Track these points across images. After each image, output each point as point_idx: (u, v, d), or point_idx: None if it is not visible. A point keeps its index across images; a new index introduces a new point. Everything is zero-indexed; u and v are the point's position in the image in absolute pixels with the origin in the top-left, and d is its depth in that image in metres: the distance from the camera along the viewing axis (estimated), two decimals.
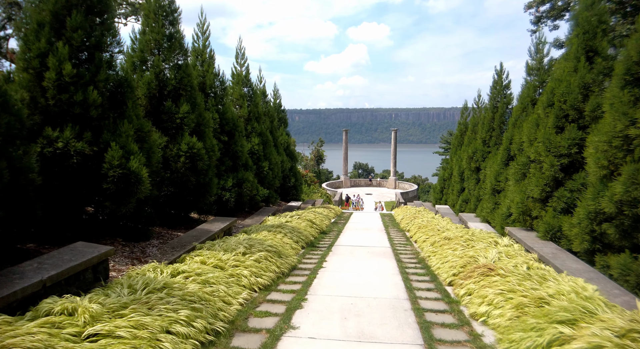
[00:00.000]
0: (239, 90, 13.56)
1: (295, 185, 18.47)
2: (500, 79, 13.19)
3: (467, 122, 17.84)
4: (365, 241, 10.02)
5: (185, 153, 8.09)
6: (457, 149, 17.72)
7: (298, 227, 9.78)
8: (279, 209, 15.13)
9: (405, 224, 12.52)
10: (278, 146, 16.68)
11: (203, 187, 8.68)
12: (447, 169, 17.91)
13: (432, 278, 6.25)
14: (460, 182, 15.30)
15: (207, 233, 7.39)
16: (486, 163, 12.49)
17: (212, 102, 11.10)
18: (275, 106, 18.96)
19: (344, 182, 47.96)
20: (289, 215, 11.45)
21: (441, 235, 8.60)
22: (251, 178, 11.23)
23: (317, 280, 6.05)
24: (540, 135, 7.84)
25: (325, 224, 12.49)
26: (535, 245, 6.85)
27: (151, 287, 4.24)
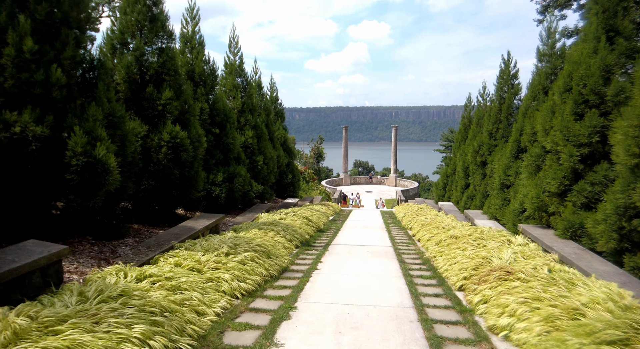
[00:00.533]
0: (232, 80, 12.83)
1: (292, 182, 17.75)
2: (508, 68, 12.45)
3: (470, 116, 17.13)
4: (365, 239, 9.31)
5: (167, 143, 7.37)
6: (460, 144, 16.99)
7: (292, 225, 9.07)
8: (275, 206, 14.41)
9: (407, 222, 11.81)
10: (274, 140, 15.95)
11: (188, 181, 7.96)
12: (450, 165, 17.19)
13: (440, 282, 5.54)
14: (465, 178, 14.58)
15: (190, 231, 6.67)
16: (493, 157, 11.76)
17: (202, 91, 10.37)
18: (271, 99, 18.23)
19: (344, 180, 47.25)
20: (284, 212, 10.73)
21: (447, 234, 7.89)
22: (243, 172, 10.51)
23: (309, 284, 5.34)
24: (557, 123, 7.12)
25: (323, 222, 11.78)
26: (554, 244, 6.14)
27: (106, 295, 3.53)
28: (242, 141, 12.25)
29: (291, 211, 11.00)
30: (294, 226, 8.98)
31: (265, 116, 15.74)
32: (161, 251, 5.57)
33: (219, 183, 9.99)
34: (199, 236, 6.76)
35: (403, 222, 12.51)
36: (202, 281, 4.54)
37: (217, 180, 9.95)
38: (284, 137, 17.91)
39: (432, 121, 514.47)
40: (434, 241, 7.77)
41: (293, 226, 8.92)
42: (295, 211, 11.31)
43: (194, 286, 4.28)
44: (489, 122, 12.60)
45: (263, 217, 9.89)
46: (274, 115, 18.31)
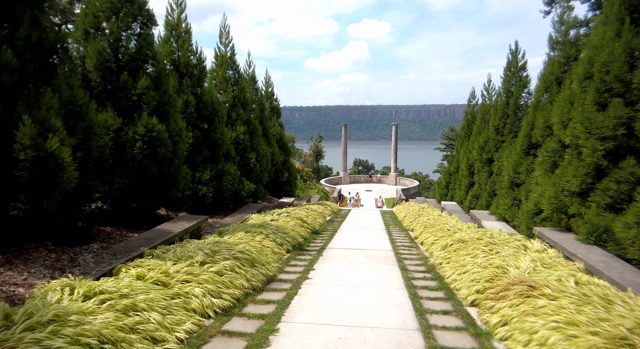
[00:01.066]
0: (223, 73, 12.09)
1: (288, 180, 17.02)
2: (515, 60, 11.70)
3: (474, 112, 16.39)
4: (363, 242, 8.58)
5: (143, 137, 6.63)
6: (464, 141, 16.24)
7: (284, 227, 8.34)
8: (268, 206, 13.68)
9: (409, 222, 11.08)
10: (269, 137, 15.21)
11: (168, 179, 7.23)
12: (453, 163, 16.45)
13: (448, 295, 4.81)
14: (469, 176, 13.84)
15: (165, 235, 5.94)
16: (500, 153, 11.03)
17: (188, 83, 9.63)
18: (266, 95, 17.48)
19: (343, 178, 46.52)
20: (277, 212, 10.00)
21: (453, 237, 7.16)
22: (233, 170, 9.78)
23: (297, 298, 4.61)
24: (576, 115, 6.38)
25: (319, 223, 11.05)
26: (577, 250, 5.40)
27: (35, 320, 2.80)
28: (233, 137, 11.51)
29: (285, 211, 10.27)
30: (286, 228, 8.25)
31: (259, 111, 15.00)
32: (127, 260, 4.84)
33: (206, 181, 9.25)
34: (175, 241, 6.02)
35: (404, 223, 11.78)
36: (167, 298, 3.80)
37: (203, 178, 9.22)
38: (279, 134, 17.17)
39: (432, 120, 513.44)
40: (438, 246, 7.03)
41: (285, 228, 8.19)
42: (290, 211, 10.58)
43: (154, 305, 3.55)
44: (495, 117, 11.85)
45: (253, 218, 9.16)
46: (270, 111, 17.57)
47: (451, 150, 72.63)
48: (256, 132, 12.41)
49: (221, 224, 8.87)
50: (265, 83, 17.60)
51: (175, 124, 7.14)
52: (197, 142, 9.58)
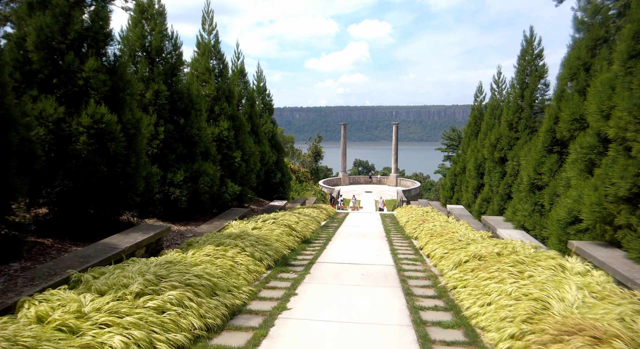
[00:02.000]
0: (205, 62, 10.88)
1: (281, 182, 15.80)
2: (531, 47, 10.48)
3: (482, 108, 15.19)
4: (360, 254, 7.36)
5: (88, 129, 5.43)
6: (470, 139, 15.04)
7: (267, 236, 7.13)
8: (257, 210, 12.47)
9: (412, 229, 9.85)
10: (259, 135, 14.00)
11: (123, 181, 6.02)
12: (458, 162, 15.22)
13: (470, 337, 3.58)
14: (478, 177, 12.62)
15: (108, 252, 4.73)
16: (515, 152, 9.81)
17: (160, 70, 8.43)
18: (258, 90, 16.28)
19: (342, 179, 45.31)
20: (263, 218, 8.80)
21: (467, 251, 5.94)
22: (211, 170, 8.57)
23: (266, 344, 3.39)
24: (621, 102, 5.16)
25: (311, 229, 9.83)
26: (634, 274, 4.18)
27: None
28: (216, 133, 10.31)
29: (272, 217, 9.05)
30: (269, 238, 7.04)
31: (248, 107, 13.80)
32: (45, 287, 3.64)
33: (179, 183, 8.04)
34: (123, 258, 4.81)
35: (407, 229, 10.56)
36: None
37: (176, 179, 8.01)
38: (272, 132, 15.96)
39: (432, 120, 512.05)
40: (450, 261, 5.81)
41: (268, 238, 6.97)
42: (278, 216, 9.37)
43: None
44: (508, 112, 10.63)
45: (233, 226, 7.95)
46: (262, 108, 16.38)
47: (456, 149, 71.30)
48: (243, 128, 11.20)
49: (194, 233, 7.66)
50: (257, 77, 16.40)
51: (131, 114, 5.93)
52: (171, 138, 8.37)
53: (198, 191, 8.40)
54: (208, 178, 8.40)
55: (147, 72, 8.50)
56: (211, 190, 8.67)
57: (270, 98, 16.54)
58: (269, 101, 16.48)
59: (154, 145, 8.08)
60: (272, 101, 16.58)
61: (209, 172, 8.45)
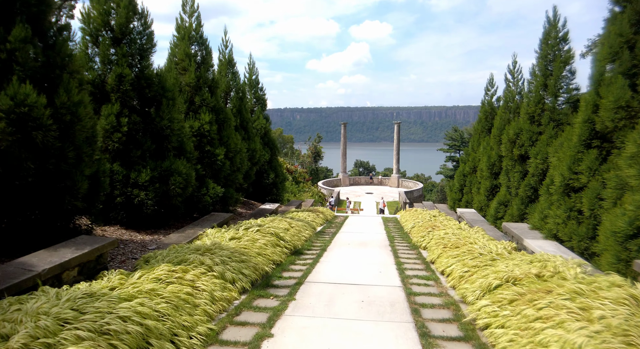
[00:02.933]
0: (185, 47, 9.61)
1: (275, 182, 14.53)
2: (555, 29, 9.20)
3: (492, 101, 13.90)
4: (360, 270, 6.09)
5: (8, 113, 4.16)
6: (481, 136, 13.76)
7: (246, 250, 5.85)
8: (244, 214, 11.19)
9: (420, 237, 8.57)
10: (249, 131, 12.73)
11: (59, 180, 4.74)
12: (467, 162, 13.93)
13: None
14: (491, 178, 11.33)
15: (18, 276, 3.46)
16: (538, 148, 8.52)
17: (124, 52, 7.17)
18: (250, 83, 15.01)
19: (343, 180, 44.03)
20: (247, 225, 7.53)
21: (497, 271, 4.66)
22: (184, 169, 7.29)
23: None
24: None
25: (304, 237, 8.56)
26: None
27: None
28: (195, 127, 9.04)
29: (258, 223, 7.79)
30: (248, 252, 5.76)
31: (237, 100, 12.53)
32: None
33: (144, 184, 6.77)
34: (38, 285, 3.53)
35: (413, 236, 9.28)
36: None
37: (140, 179, 6.74)
38: (264, 128, 14.69)
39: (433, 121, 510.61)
40: (476, 286, 4.52)
41: (246, 252, 5.70)
42: (265, 223, 8.11)
43: None
44: (529, 103, 9.35)
45: (209, 235, 6.67)
46: (254, 102, 15.12)
47: (465, 148, 70.05)
48: (228, 122, 9.92)
49: (159, 244, 6.38)
50: (249, 69, 15.12)
51: (67, 97, 4.65)
52: (136, 131, 7.11)
53: (169, 194, 7.13)
54: (180, 178, 7.12)
55: (110, 54, 7.24)
56: (185, 192, 7.40)
57: (263, 92, 15.27)
58: (261, 95, 15.20)
59: (115, 138, 6.82)
60: (265, 95, 15.31)
61: (181, 171, 7.17)
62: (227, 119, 9.89)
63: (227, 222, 8.21)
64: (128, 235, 6.86)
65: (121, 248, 6.16)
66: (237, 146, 9.86)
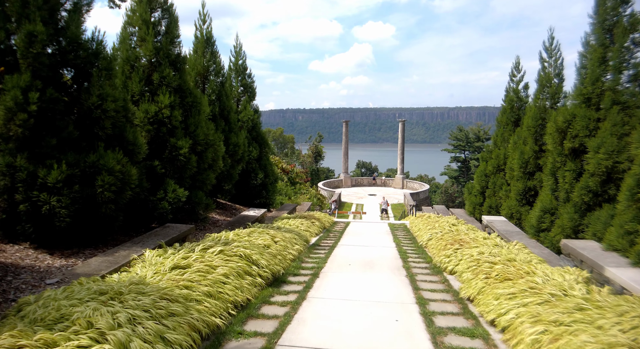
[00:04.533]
0: (142, 12, 7.56)
1: (264, 184, 12.45)
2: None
3: (518, 89, 11.80)
4: (366, 323, 4.00)
5: None
6: (505, 129, 11.67)
7: (183, 292, 3.78)
8: (219, 222, 9.12)
9: (444, 257, 6.47)
10: (231, 122, 10.66)
11: None
12: (490, 160, 11.81)
13: None
14: (524, 178, 9.22)
15: None
16: (600, 139, 6.42)
17: (38, 3, 5.12)
18: (236, 68, 12.93)
19: (344, 181, 41.90)
20: (206, 244, 5.47)
21: (603, 340, 2.58)
22: (117, 165, 5.22)
23: None
24: None
25: (291, 256, 6.49)
26: None
27: None
28: (152, 112, 6.98)
29: (223, 241, 5.74)
30: (189, 296, 3.68)
31: (216, 85, 10.48)
32: None
33: (56, 186, 4.71)
34: None
35: (433, 253, 7.21)
36: None
37: (50, 179, 4.68)
38: (253, 121, 12.61)
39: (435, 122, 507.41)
40: None
41: (185, 296, 3.62)
42: (238, 238, 6.06)
43: None
44: (583, 82, 7.25)
45: (146, 260, 4.60)
46: (241, 91, 13.05)
47: (459, 152, 67.21)
48: (197, 107, 7.84)
49: (67, 275, 4.30)
50: (236, 53, 13.04)
51: None
52: (54, 112, 5.05)
53: (96, 200, 5.07)
54: (111, 178, 5.06)
55: (19, 8, 5.19)
56: (121, 197, 5.33)
57: (252, 79, 13.19)
58: (249, 83, 13.12)
59: (18, 120, 4.76)
60: (254, 83, 13.23)
61: (113, 168, 5.10)
62: (195, 104, 7.81)
63: (184, 237, 6.13)
64: (34, 257, 4.80)
65: (7, 280, 4.10)
66: (208, 138, 7.77)
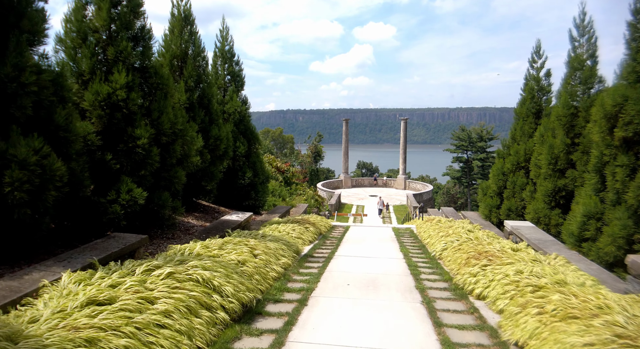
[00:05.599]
0: None
1: (253, 184, 11.09)
2: None
3: (539, 77, 10.45)
4: None
5: None
6: (525, 121, 10.31)
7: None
8: (194, 229, 7.74)
9: (469, 275, 5.10)
10: (213, 112, 9.31)
11: None
12: (508, 156, 10.43)
13: None
14: (554, 177, 7.86)
15: None
16: None
17: None
18: (221, 54, 11.57)
19: (344, 182, 40.54)
20: (164, 259, 4.15)
21: None
22: (30, 156, 3.84)
23: None
24: None
25: (273, 275, 5.14)
26: None
27: None
28: (104, 94, 5.61)
29: (180, 258, 4.39)
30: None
31: (193, 69, 9.11)
32: None
33: None
34: None
35: (451, 268, 5.86)
36: None
37: None
38: (241, 113, 11.24)
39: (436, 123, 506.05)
40: None
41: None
42: (206, 252, 4.72)
43: None
44: (636, 58, 5.87)
45: (59, 288, 3.24)
46: (228, 80, 11.70)
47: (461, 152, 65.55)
48: (162, 90, 6.46)
49: None
50: (222, 37, 11.68)
51: None
52: None
53: (6, 202, 3.70)
54: (24, 174, 3.69)
55: None
56: (42, 199, 3.96)
57: (240, 67, 11.82)
58: (237, 71, 11.75)
59: None
60: (242, 71, 11.86)
61: (26, 160, 3.73)
62: (162, 86, 6.44)
63: (134, 251, 4.76)
64: None
65: None
66: (176, 127, 6.40)
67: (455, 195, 63.66)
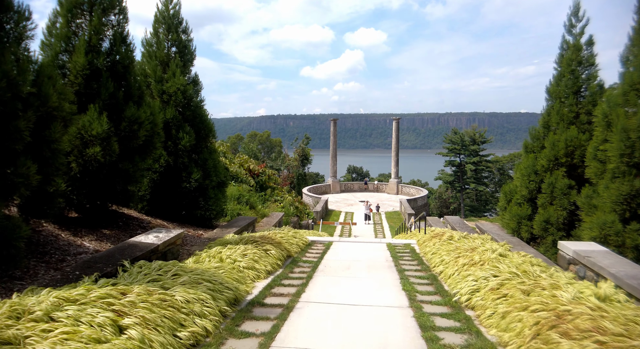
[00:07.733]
0: None
1: (203, 187, 8.29)
2: None
3: (580, 44, 7.93)
4: None
5: None
6: (564, 103, 7.75)
7: None
8: (77, 258, 4.89)
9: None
10: (132, 85, 6.52)
11: None
12: (541, 152, 7.83)
13: None
14: (629, 175, 5.25)
15: None
16: None
17: None
18: (165, 20, 8.79)
19: (332, 186, 37.78)
20: None
21: None
22: None
23: None
24: None
25: None
26: None
27: None
28: None
29: None
30: None
31: (110, 26, 6.32)
32: None
33: None
34: None
35: (498, 335, 3.14)
36: None
37: None
38: (186, 96, 8.45)
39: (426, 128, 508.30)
40: None
41: None
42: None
43: None
44: None
45: None
46: (173, 52, 8.92)
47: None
48: None
49: None
50: (165, 1, 8.94)
51: None
52: None
53: None
54: None
55: None
56: None
57: (189, 35, 9.08)
58: (185, 41, 9.00)
59: None
60: (191, 41, 9.11)
61: None
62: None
63: None
64: None
65: None
66: (5, 95, 3.58)
67: (447, 200, 61.51)
